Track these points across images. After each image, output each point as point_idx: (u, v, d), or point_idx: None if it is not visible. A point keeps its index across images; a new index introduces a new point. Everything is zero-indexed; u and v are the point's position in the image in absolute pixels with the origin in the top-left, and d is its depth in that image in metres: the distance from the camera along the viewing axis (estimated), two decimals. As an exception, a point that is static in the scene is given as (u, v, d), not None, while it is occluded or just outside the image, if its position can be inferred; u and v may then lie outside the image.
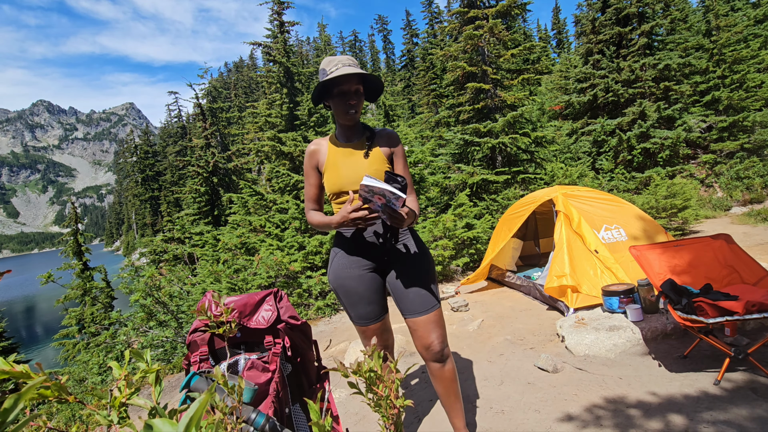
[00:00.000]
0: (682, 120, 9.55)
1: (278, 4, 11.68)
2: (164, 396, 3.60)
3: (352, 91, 1.61)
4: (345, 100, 1.61)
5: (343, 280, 1.72)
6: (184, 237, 13.26)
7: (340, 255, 1.73)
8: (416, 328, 1.68)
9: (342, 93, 1.61)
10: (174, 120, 35.47)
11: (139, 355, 0.70)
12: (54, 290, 9.38)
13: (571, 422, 2.03)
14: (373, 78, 1.66)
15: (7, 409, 0.38)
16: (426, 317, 1.66)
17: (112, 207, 79.82)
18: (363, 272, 1.70)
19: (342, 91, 1.60)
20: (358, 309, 1.74)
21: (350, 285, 1.71)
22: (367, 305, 1.73)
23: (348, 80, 1.59)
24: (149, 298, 4.86)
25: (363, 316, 1.75)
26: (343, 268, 1.71)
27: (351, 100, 1.61)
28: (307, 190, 1.78)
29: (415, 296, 1.67)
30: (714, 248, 2.83)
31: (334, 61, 1.61)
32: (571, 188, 4.36)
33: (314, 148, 1.72)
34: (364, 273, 1.70)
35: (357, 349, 3.37)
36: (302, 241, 6.28)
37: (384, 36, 43.75)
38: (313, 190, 1.77)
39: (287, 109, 10.88)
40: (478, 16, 8.38)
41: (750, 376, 2.22)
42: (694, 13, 15.21)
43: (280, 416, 1.21)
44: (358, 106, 1.64)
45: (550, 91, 15.93)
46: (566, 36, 33.75)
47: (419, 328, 1.67)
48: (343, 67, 1.57)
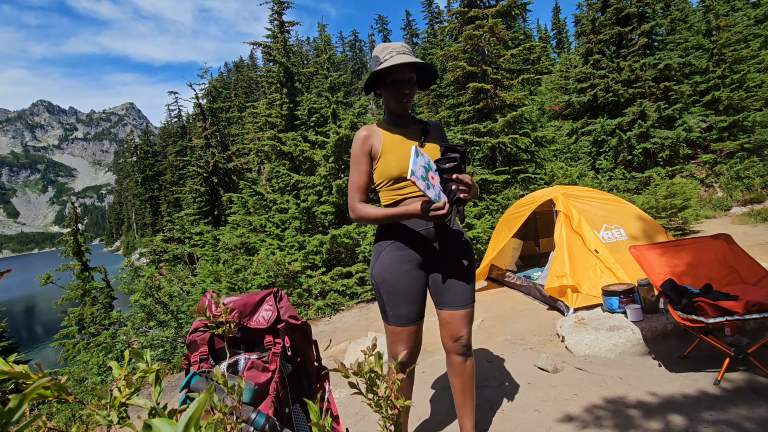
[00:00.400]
0: (682, 120, 9.55)
1: (278, 4, 11.68)
2: (164, 396, 3.60)
3: (405, 80, 1.57)
4: (398, 89, 1.57)
5: (390, 275, 1.62)
6: (184, 237, 13.26)
7: (389, 249, 1.64)
8: (451, 321, 1.67)
9: (395, 82, 1.56)
10: (174, 120, 35.49)
11: (138, 355, 0.70)
12: (54, 290, 9.38)
13: (571, 422, 2.03)
14: (428, 67, 1.62)
15: (12, 409, 0.38)
16: (464, 311, 1.66)
17: (112, 207, 79.83)
18: (412, 268, 1.63)
19: (396, 79, 1.56)
20: (399, 308, 1.63)
21: (397, 281, 1.62)
22: (410, 305, 1.64)
23: (403, 69, 1.55)
24: (149, 298, 4.86)
25: (402, 316, 1.64)
26: (392, 262, 1.62)
27: (404, 89, 1.58)
28: (357, 180, 1.63)
29: (459, 290, 1.66)
30: (714, 248, 2.83)
31: (387, 48, 1.56)
32: (571, 188, 4.36)
33: (366, 133, 1.61)
34: (413, 269, 1.63)
35: (357, 349, 3.37)
36: (302, 241, 6.28)
37: (384, 36, 43.77)
38: (364, 178, 1.63)
39: (287, 109, 10.88)
40: (478, 16, 8.38)
41: (750, 376, 2.22)
42: (694, 13, 15.22)
43: (280, 416, 1.21)
44: (412, 95, 1.61)
45: (550, 91, 15.93)
46: (566, 36, 33.74)
47: (454, 321, 1.66)
48: (398, 55, 1.53)
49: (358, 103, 8.06)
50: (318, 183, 7.04)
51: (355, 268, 5.68)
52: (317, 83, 15.64)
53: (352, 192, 1.63)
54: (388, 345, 1.71)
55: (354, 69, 44.30)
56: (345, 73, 26.34)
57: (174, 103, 32.23)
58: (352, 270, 5.69)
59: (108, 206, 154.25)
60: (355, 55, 46.74)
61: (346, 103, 12.31)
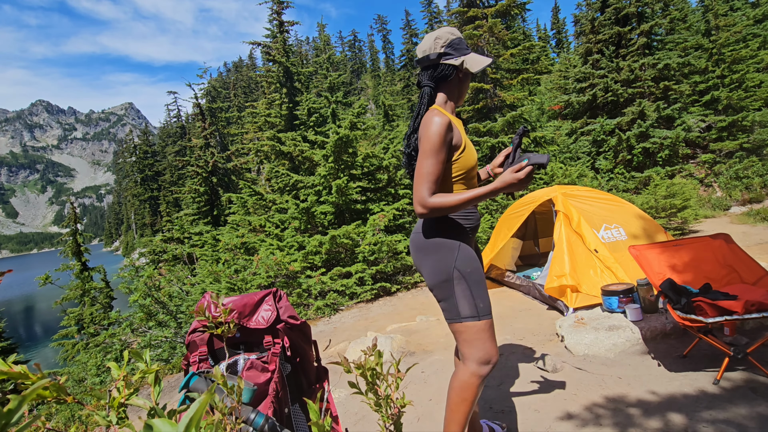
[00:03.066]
0: (681, 120, 9.56)
1: (278, 3, 11.67)
2: (163, 396, 3.60)
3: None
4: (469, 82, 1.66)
5: (475, 264, 1.55)
6: (184, 237, 13.25)
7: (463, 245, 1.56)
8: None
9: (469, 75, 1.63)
10: (173, 120, 35.46)
11: (138, 355, 0.69)
12: (53, 290, 9.38)
13: (570, 422, 2.03)
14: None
15: (12, 410, 0.38)
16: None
17: (112, 207, 79.75)
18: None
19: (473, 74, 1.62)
20: (486, 299, 1.53)
21: (480, 272, 1.56)
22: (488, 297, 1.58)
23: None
24: (148, 298, 4.86)
25: (489, 305, 1.54)
26: (470, 253, 1.56)
27: None
28: (435, 170, 1.45)
29: None
30: (713, 248, 2.84)
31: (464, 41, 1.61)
32: (570, 188, 4.36)
33: (449, 120, 1.48)
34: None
35: (357, 349, 3.37)
36: (302, 241, 6.28)
37: (383, 36, 43.75)
38: (442, 167, 1.48)
39: (286, 109, 10.88)
40: (477, 16, 8.38)
41: (749, 376, 2.22)
42: (694, 13, 15.22)
43: (280, 416, 1.21)
44: None
45: (549, 91, 15.94)
46: (565, 36, 33.77)
47: None
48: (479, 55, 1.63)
49: (358, 103, 8.06)
50: (317, 183, 7.04)
51: (354, 269, 5.67)
52: (317, 83, 15.64)
53: (427, 184, 1.44)
54: (478, 347, 1.49)
55: (353, 69, 44.27)
56: (344, 72, 26.31)
57: (173, 103, 32.23)
58: (351, 270, 5.69)
59: (107, 206, 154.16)
60: (354, 55, 46.72)
61: (345, 103, 12.31)
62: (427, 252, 1.55)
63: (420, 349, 3.45)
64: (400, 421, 0.75)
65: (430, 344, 3.53)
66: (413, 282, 5.98)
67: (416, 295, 5.49)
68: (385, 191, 7.29)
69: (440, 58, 1.54)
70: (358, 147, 7.04)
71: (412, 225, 7.12)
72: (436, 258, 1.53)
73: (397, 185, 7.33)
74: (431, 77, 1.58)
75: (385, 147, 7.49)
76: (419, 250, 1.59)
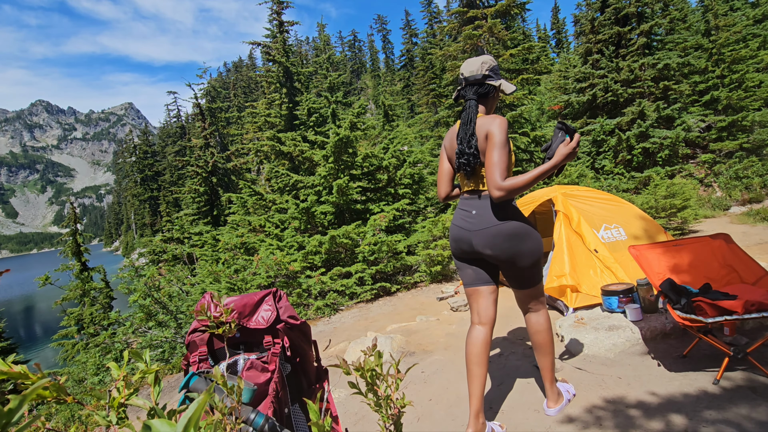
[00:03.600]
0: (681, 120, 9.56)
1: (278, 3, 11.67)
2: (163, 396, 3.60)
3: None
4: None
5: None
6: (184, 237, 13.26)
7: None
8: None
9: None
10: (173, 120, 35.47)
11: (138, 355, 0.69)
12: (53, 290, 9.37)
13: (570, 422, 2.03)
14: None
15: (12, 410, 0.38)
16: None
17: (111, 207, 79.73)
18: None
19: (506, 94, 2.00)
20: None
21: None
22: None
23: None
24: (148, 299, 4.85)
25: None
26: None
27: None
28: (506, 159, 1.77)
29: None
30: (713, 248, 2.83)
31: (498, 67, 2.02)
32: (570, 188, 4.36)
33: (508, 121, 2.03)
34: None
35: (357, 349, 3.37)
36: (302, 241, 6.28)
37: (383, 36, 43.77)
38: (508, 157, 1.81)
39: (286, 109, 10.88)
40: (477, 16, 8.39)
41: (749, 376, 2.22)
42: (693, 13, 15.23)
43: (280, 416, 1.21)
44: None
45: (549, 91, 15.93)
46: (565, 36, 33.79)
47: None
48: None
49: (358, 103, 8.06)
50: (317, 183, 7.04)
51: (354, 268, 5.67)
52: (316, 83, 15.64)
53: (499, 171, 1.72)
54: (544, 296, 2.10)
55: (353, 69, 44.27)
56: (344, 72, 26.32)
57: (173, 103, 32.25)
58: (351, 270, 5.69)
59: (107, 206, 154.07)
60: (354, 55, 46.74)
61: (345, 103, 12.31)
62: (523, 238, 1.86)
63: (420, 349, 3.45)
64: (400, 421, 0.74)
65: (430, 344, 3.53)
66: (413, 282, 5.97)
67: (416, 295, 5.49)
68: (384, 191, 7.29)
69: (485, 78, 1.92)
70: (358, 147, 7.05)
71: (412, 225, 7.12)
72: (533, 240, 1.88)
73: (397, 185, 7.34)
74: (476, 92, 1.94)
75: (385, 147, 7.49)
76: (514, 237, 1.85)
